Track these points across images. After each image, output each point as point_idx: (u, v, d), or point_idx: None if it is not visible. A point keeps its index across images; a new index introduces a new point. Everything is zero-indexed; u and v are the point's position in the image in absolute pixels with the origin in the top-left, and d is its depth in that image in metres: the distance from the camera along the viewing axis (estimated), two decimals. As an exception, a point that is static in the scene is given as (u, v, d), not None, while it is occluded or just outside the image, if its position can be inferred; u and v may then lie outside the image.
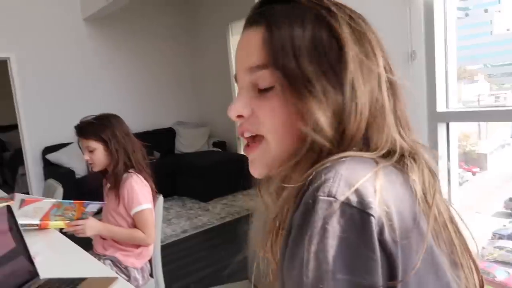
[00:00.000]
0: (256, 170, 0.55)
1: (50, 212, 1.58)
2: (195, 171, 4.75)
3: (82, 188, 4.05)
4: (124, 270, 1.71)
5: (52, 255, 1.44)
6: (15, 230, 1.13)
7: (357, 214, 0.39)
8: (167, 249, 1.92)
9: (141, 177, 1.72)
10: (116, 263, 1.71)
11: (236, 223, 3.92)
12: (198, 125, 5.89)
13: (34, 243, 1.17)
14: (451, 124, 2.31)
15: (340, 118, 0.47)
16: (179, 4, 5.86)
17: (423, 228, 0.43)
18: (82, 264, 1.32)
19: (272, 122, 0.49)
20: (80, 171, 4.40)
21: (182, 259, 3.13)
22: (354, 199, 0.39)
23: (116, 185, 1.69)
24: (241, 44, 0.54)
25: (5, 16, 4.36)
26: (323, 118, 0.46)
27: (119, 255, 1.72)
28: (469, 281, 0.49)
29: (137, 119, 5.29)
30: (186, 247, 3.38)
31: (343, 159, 0.43)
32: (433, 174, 0.48)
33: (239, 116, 0.53)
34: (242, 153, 5.37)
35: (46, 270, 1.18)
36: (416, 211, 0.43)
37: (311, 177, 0.43)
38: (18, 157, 5.41)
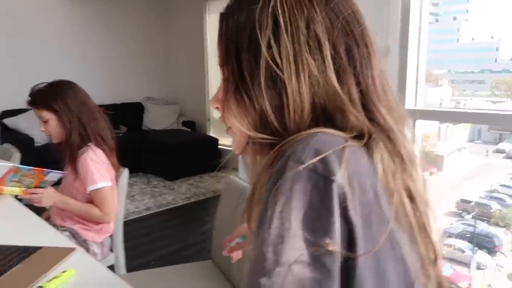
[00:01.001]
0: (235, 149, 0.60)
1: (6, 177, 1.48)
2: (163, 148, 4.65)
3: (41, 157, 3.86)
4: (83, 243, 1.64)
5: (5, 221, 1.35)
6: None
7: (321, 180, 0.42)
8: (129, 226, 1.87)
9: (99, 152, 1.61)
10: (74, 236, 1.63)
11: (201, 204, 3.89)
12: (168, 103, 5.75)
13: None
14: (417, 122, 2.37)
15: (278, 110, 0.49)
16: (157, -25, 5.63)
17: (383, 205, 0.46)
18: (37, 233, 1.24)
19: (236, 113, 0.54)
20: (40, 139, 4.18)
21: (144, 236, 3.07)
22: (319, 166, 0.42)
23: (72, 159, 1.59)
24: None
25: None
26: (250, 118, 0.51)
27: (78, 228, 1.64)
28: (424, 255, 0.51)
29: (105, 91, 5.08)
30: (149, 225, 3.31)
31: (315, 133, 0.46)
32: (394, 157, 0.50)
33: (216, 108, 0.59)
34: (212, 134, 5.35)
35: (-3, 237, 1.10)
36: (377, 189, 0.46)
37: (283, 148, 0.46)
38: (-28, 120, 5.08)
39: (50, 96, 1.57)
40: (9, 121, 4.26)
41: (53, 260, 0.97)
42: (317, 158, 0.43)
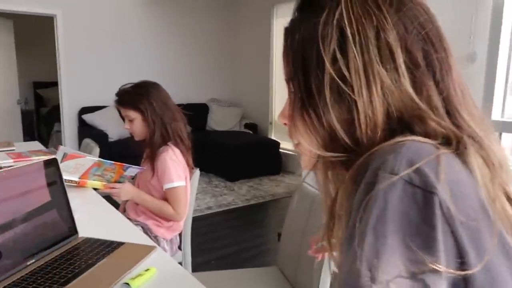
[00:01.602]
0: (303, 166, 0.57)
1: (90, 171, 1.57)
2: (225, 149, 4.72)
3: (114, 152, 4.10)
4: (154, 239, 1.69)
5: (88, 214, 1.43)
6: (59, 184, 1.11)
7: (420, 193, 0.39)
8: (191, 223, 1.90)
9: (177, 151, 1.66)
10: (146, 231, 1.69)
11: (260, 206, 3.89)
12: (232, 105, 5.84)
13: (71, 200, 1.15)
14: (504, 134, 2.17)
15: (347, 125, 0.47)
16: (227, -21, 5.76)
17: (489, 211, 0.42)
18: (118, 228, 1.30)
19: (303, 131, 0.52)
20: (113, 135, 4.45)
21: (205, 234, 3.13)
22: (416, 178, 0.39)
23: (152, 156, 1.65)
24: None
25: (57, -27, 4.40)
26: (315, 147, 0.50)
27: (150, 224, 1.69)
28: None
29: (173, 91, 5.26)
30: (209, 224, 3.38)
31: (403, 142, 0.43)
32: (487, 162, 0.46)
33: (284, 124, 0.57)
34: (273, 137, 5.35)
35: (82, 228, 1.16)
36: (480, 196, 0.43)
37: (368, 159, 0.44)
38: (54, 114, 5.54)
39: (136, 96, 1.63)
40: (86, 117, 4.58)
41: (136, 257, 1.00)
42: (412, 168, 0.40)
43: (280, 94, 5.45)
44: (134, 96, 1.63)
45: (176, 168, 1.62)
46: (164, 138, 1.64)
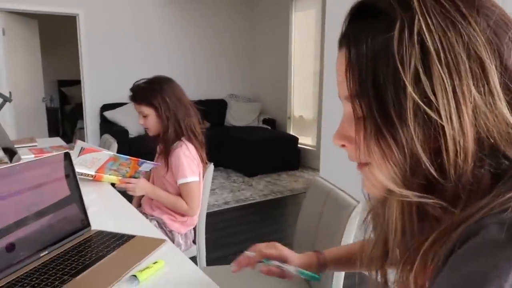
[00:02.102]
0: (367, 190, 0.51)
1: (106, 165, 1.60)
2: (243, 145, 4.73)
3: (134, 148, 4.17)
4: (169, 234, 1.71)
5: (103, 208, 1.45)
6: (72, 177, 1.13)
7: None
8: (208, 218, 1.91)
9: (191, 147, 1.67)
10: (161, 225, 1.71)
11: (278, 202, 3.88)
12: (250, 100, 5.84)
13: (88, 194, 1.17)
14: None
15: (433, 154, 0.41)
16: (245, -26, 5.75)
17: None
18: (131, 221, 1.32)
19: (370, 155, 0.45)
20: (133, 131, 4.52)
21: (222, 229, 3.15)
22: None
23: (166, 152, 1.66)
24: (336, 68, 0.49)
25: (78, -28, 4.49)
26: (389, 181, 0.43)
27: (165, 218, 1.71)
28: None
29: (192, 88, 5.32)
30: (227, 219, 3.39)
31: None
32: None
33: (343, 145, 0.50)
34: (292, 133, 5.32)
35: (96, 221, 1.18)
36: None
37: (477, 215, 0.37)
38: (78, 111, 5.68)
39: (150, 92, 1.64)
40: (108, 114, 4.67)
41: (145, 250, 1.01)
42: None
43: (298, 89, 5.41)
44: (147, 92, 1.65)
45: (189, 163, 1.63)
46: (177, 134, 1.65)
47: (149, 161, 1.62)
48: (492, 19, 0.40)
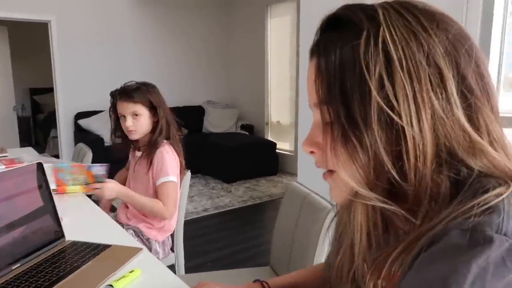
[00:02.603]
0: (334, 198, 0.53)
1: (61, 178, 1.58)
2: (221, 151, 4.73)
3: (109, 156, 4.10)
4: (146, 242, 1.69)
5: (77, 218, 1.43)
6: (45, 188, 1.11)
7: None
8: (187, 226, 1.90)
9: (172, 149, 1.68)
10: (138, 234, 1.69)
11: (257, 207, 3.89)
12: (228, 106, 5.85)
13: (61, 204, 1.15)
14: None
15: (395, 156, 0.43)
16: (221, -19, 5.78)
17: None
18: (107, 231, 1.30)
19: (336, 158, 0.47)
20: (108, 139, 4.45)
21: (201, 237, 3.13)
22: None
23: (151, 154, 1.66)
24: (307, 77, 0.52)
25: (50, -21, 4.41)
26: (355, 182, 0.45)
27: (142, 226, 1.69)
28: None
29: (169, 94, 5.27)
30: (205, 226, 3.38)
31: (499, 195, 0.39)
32: None
33: (311, 152, 0.52)
34: (270, 138, 5.35)
35: (71, 232, 1.16)
36: None
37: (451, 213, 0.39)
38: (51, 120, 5.55)
39: (148, 93, 1.65)
40: (82, 122, 4.59)
41: (121, 259, 1.00)
42: None
43: (275, 94, 5.46)
44: (145, 92, 1.65)
45: (171, 163, 1.64)
46: (165, 136, 1.68)
47: (97, 164, 1.61)
48: (451, 33, 0.43)
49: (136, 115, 1.64)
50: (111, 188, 1.61)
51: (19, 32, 6.23)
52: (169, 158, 1.64)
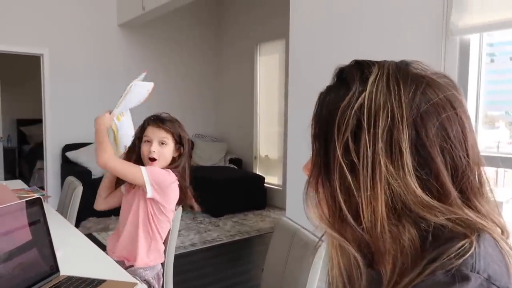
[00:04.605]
0: (309, 214, 0.57)
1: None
2: (209, 185, 4.73)
3: (96, 189, 4.06)
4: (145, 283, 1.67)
5: (70, 252, 1.43)
6: (42, 223, 1.13)
7: None
8: (175, 260, 1.89)
9: (177, 181, 1.71)
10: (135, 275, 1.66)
11: (245, 242, 3.87)
12: (217, 140, 5.91)
13: (55, 238, 1.16)
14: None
15: (352, 206, 0.49)
16: (211, 21, 5.99)
17: None
18: (100, 264, 1.30)
19: (314, 184, 0.54)
20: (96, 171, 4.43)
21: (188, 272, 3.09)
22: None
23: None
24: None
25: (43, 15, 4.53)
26: (326, 209, 0.51)
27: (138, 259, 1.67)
28: None
29: (158, 127, 5.34)
30: (193, 261, 3.34)
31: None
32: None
33: (308, 175, 0.57)
34: (258, 172, 5.39)
35: (64, 266, 1.17)
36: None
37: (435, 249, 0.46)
38: (37, 151, 5.50)
39: (180, 127, 1.73)
40: (70, 154, 4.57)
41: (117, 294, 1.01)
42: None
43: (264, 129, 5.56)
44: (177, 125, 1.71)
45: (174, 191, 1.69)
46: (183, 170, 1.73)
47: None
48: (430, 101, 0.48)
49: (163, 143, 1.66)
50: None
51: (9, 62, 6.28)
52: (173, 185, 1.67)
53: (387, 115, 0.47)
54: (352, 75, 0.51)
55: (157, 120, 1.70)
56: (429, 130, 0.47)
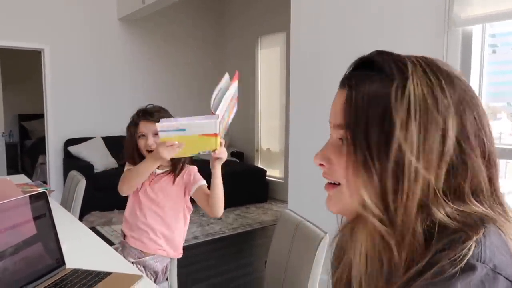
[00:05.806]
0: (330, 207, 0.60)
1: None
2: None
3: (100, 183, 4.09)
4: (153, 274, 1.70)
5: (75, 245, 1.44)
6: (48, 216, 1.14)
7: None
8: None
9: None
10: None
11: (247, 235, 3.90)
12: (218, 133, 5.92)
13: (60, 231, 1.17)
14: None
15: (386, 198, 0.50)
16: (211, 14, 5.97)
17: None
18: (106, 258, 1.32)
19: (345, 175, 0.54)
20: (98, 166, 4.45)
21: (191, 265, 3.11)
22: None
23: (176, 168, 1.82)
24: (333, 101, 0.59)
25: (44, 10, 4.52)
26: (367, 197, 0.51)
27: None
28: None
29: (159, 121, 5.34)
30: (195, 254, 3.36)
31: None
32: None
33: (321, 164, 0.58)
34: (260, 165, 5.40)
35: (70, 259, 1.18)
36: None
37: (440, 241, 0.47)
38: (39, 146, 5.52)
39: (168, 112, 1.82)
40: (72, 149, 4.58)
41: (122, 287, 1.03)
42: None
43: (265, 122, 5.56)
44: (164, 115, 1.76)
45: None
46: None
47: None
48: (465, 94, 0.51)
49: (157, 134, 1.68)
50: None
51: (10, 58, 6.27)
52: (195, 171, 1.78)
53: (436, 102, 0.49)
54: (389, 65, 0.52)
55: (146, 115, 1.76)
56: (469, 121, 0.50)
